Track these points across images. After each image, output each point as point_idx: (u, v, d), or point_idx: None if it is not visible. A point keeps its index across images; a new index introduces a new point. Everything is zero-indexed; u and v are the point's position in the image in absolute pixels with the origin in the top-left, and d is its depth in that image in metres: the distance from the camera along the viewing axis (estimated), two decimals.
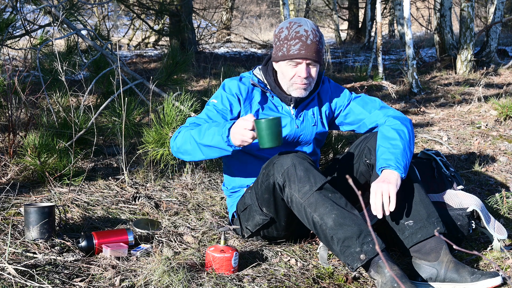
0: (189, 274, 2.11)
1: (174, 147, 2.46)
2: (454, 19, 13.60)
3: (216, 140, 2.27)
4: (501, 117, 4.87)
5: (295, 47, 2.41)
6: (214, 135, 2.27)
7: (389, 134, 2.41)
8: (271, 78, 2.56)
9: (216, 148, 2.29)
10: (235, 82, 2.55)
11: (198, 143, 2.33)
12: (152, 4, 10.30)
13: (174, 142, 2.45)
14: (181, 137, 2.41)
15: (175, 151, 2.46)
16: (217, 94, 2.56)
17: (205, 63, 8.89)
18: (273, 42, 2.53)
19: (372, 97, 2.67)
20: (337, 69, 8.69)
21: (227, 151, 2.29)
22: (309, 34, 2.41)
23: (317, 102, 2.63)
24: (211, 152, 2.34)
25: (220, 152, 2.31)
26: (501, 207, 2.95)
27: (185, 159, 2.47)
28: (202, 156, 2.37)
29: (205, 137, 2.30)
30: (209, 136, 2.29)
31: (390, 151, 2.31)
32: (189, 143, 2.36)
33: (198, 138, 2.32)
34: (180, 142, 2.41)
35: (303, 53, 2.41)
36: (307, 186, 2.18)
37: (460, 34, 7.95)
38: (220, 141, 2.26)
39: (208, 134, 2.30)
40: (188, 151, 2.39)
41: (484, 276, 2.11)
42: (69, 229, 2.59)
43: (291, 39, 2.42)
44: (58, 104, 3.64)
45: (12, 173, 3.16)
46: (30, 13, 4.68)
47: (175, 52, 4.23)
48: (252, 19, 21.31)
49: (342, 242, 2.11)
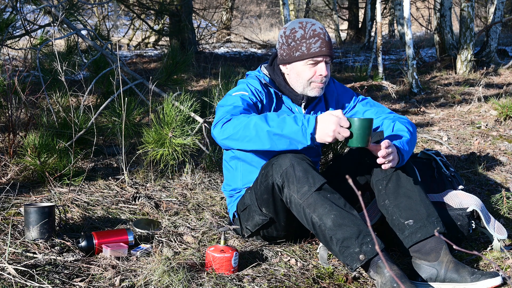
0: (189, 274, 2.11)
1: (222, 134, 2.26)
2: (454, 19, 13.60)
3: (293, 130, 2.15)
4: (501, 117, 4.87)
5: (316, 45, 2.40)
6: (292, 125, 2.15)
7: (397, 127, 2.45)
8: (280, 78, 2.54)
9: (291, 139, 2.16)
10: (256, 82, 2.50)
11: (268, 131, 2.17)
12: (152, 4, 10.30)
13: (222, 129, 2.26)
14: (235, 124, 2.23)
15: (224, 138, 2.26)
16: (242, 87, 2.46)
17: (205, 63, 8.89)
18: (283, 44, 2.47)
19: (381, 104, 2.69)
20: (337, 69, 8.69)
21: (302, 144, 2.17)
22: (324, 31, 2.43)
23: (324, 103, 2.63)
24: (280, 143, 2.18)
25: (291, 144, 2.18)
26: (501, 207, 2.95)
27: (235, 147, 2.27)
28: (266, 145, 2.19)
29: (279, 126, 2.16)
30: (283, 125, 2.16)
31: (396, 138, 2.34)
32: (252, 129, 2.19)
33: (268, 126, 2.17)
34: (235, 128, 2.22)
35: (324, 50, 2.40)
36: (306, 187, 2.18)
37: (460, 34, 7.95)
38: (298, 133, 2.14)
39: (282, 123, 2.17)
40: (248, 137, 2.20)
41: (484, 276, 2.11)
42: (69, 229, 2.59)
43: (310, 37, 2.40)
44: (58, 104, 3.64)
45: (12, 173, 3.16)
46: (30, 13, 4.68)
47: (175, 52, 4.23)
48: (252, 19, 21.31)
49: (341, 242, 2.11)
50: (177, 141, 3.19)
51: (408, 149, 2.35)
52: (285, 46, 2.47)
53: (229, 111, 2.32)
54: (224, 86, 3.47)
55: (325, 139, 2.15)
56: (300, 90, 2.50)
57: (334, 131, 2.13)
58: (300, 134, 2.15)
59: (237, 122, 2.23)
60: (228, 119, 2.27)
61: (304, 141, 2.16)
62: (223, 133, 2.26)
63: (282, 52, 2.48)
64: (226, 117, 2.28)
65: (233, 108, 2.32)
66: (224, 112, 2.32)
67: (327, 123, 2.14)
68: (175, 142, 3.20)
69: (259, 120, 2.19)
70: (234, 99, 2.39)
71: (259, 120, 2.19)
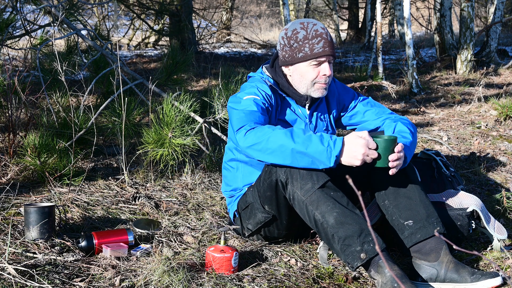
0: (189, 274, 2.11)
1: (244, 141, 2.22)
2: (454, 19, 13.60)
3: (318, 150, 2.11)
4: (501, 117, 4.87)
5: (319, 45, 2.38)
6: (318, 144, 2.11)
7: (400, 128, 2.45)
8: (283, 80, 2.51)
9: (314, 158, 2.12)
10: (265, 86, 2.46)
11: (292, 148, 2.13)
12: (152, 4, 10.30)
13: (245, 137, 2.22)
14: (259, 134, 2.19)
15: (246, 146, 2.22)
16: (252, 91, 2.41)
17: (205, 63, 8.89)
18: (284, 45, 2.45)
19: (381, 104, 2.69)
20: (337, 69, 8.69)
21: (324, 165, 2.13)
22: (326, 31, 2.42)
23: (325, 103, 2.62)
24: (302, 161, 2.15)
25: (312, 164, 2.14)
26: (501, 207, 2.95)
27: (255, 157, 2.24)
28: (287, 160, 2.16)
29: (304, 143, 2.12)
30: (309, 143, 2.12)
31: (400, 139, 2.34)
32: (275, 143, 2.15)
33: (293, 142, 2.13)
34: (258, 138, 2.18)
35: (327, 50, 2.39)
36: (309, 184, 2.18)
37: (460, 34, 7.95)
38: (323, 153, 2.11)
39: (307, 140, 2.12)
40: (270, 150, 2.16)
41: (484, 276, 2.11)
42: (69, 229, 2.59)
43: (312, 38, 2.39)
44: (58, 104, 3.64)
45: (12, 173, 3.16)
46: (30, 13, 4.68)
47: (175, 52, 4.23)
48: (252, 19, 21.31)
49: (343, 240, 2.11)
50: (177, 141, 3.19)
51: (411, 151, 2.35)
52: (287, 48, 2.45)
53: (248, 116, 2.28)
54: (224, 86, 3.47)
55: (353, 162, 2.13)
56: (303, 91, 2.49)
57: (364, 154, 2.12)
58: (325, 155, 2.11)
59: (261, 133, 2.19)
60: (252, 127, 2.24)
61: (327, 162, 2.12)
62: (245, 141, 2.22)
63: (284, 54, 2.46)
64: (249, 125, 2.25)
65: (249, 113, 2.29)
66: (243, 117, 2.28)
67: (356, 146, 2.11)
68: (175, 142, 3.20)
69: (284, 135, 2.15)
70: (248, 103, 2.34)
71: (284, 135, 2.15)
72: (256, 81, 2.50)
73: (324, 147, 2.11)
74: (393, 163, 2.19)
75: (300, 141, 2.13)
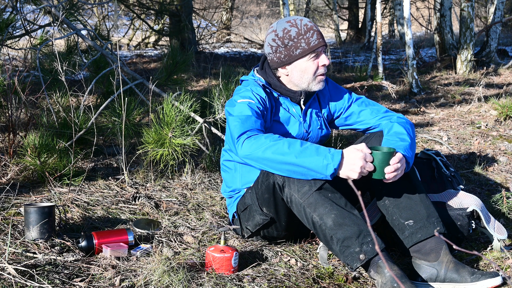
0: (189, 274, 2.11)
1: (241, 150, 2.23)
2: (454, 19, 13.60)
3: (314, 164, 2.11)
4: (501, 117, 4.87)
5: (313, 37, 2.42)
6: (315, 157, 2.11)
7: (397, 129, 2.43)
8: (274, 80, 2.51)
9: (311, 171, 2.13)
10: (260, 88, 2.47)
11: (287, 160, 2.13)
12: (152, 4, 10.30)
13: (243, 146, 2.22)
14: (256, 145, 2.19)
15: (243, 155, 2.23)
16: (247, 95, 2.41)
17: (205, 63, 8.89)
18: (278, 46, 2.44)
19: (376, 102, 2.68)
20: (337, 69, 8.69)
21: (321, 175, 2.13)
22: (313, 23, 2.46)
23: (318, 103, 2.63)
24: (298, 173, 2.16)
25: (309, 175, 2.15)
26: (501, 207, 2.95)
27: (252, 165, 2.26)
28: (283, 172, 2.18)
29: (300, 156, 2.12)
30: (306, 157, 2.12)
31: (398, 143, 2.33)
32: (272, 154, 2.15)
33: (289, 153, 2.13)
34: (255, 149, 2.19)
35: (322, 41, 2.44)
36: (306, 186, 2.18)
37: (460, 34, 7.95)
38: (320, 166, 2.11)
39: (305, 153, 2.12)
40: (266, 161, 2.18)
41: (484, 276, 2.11)
42: (69, 229, 2.59)
43: (305, 32, 2.41)
44: (58, 104, 3.64)
45: (12, 173, 3.16)
46: (30, 13, 4.68)
47: (175, 52, 4.23)
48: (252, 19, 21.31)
49: (342, 242, 2.11)
50: (177, 141, 3.20)
51: (412, 155, 2.34)
52: (281, 48, 2.44)
53: (244, 122, 2.28)
54: (224, 86, 3.47)
55: (351, 175, 2.13)
56: (305, 87, 2.49)
57: (362, 167, 2.12)
58: (323, 168, 2.11)
59: (257, 144, 2.19)
60: (248, 136, 2.23)
61: (325, 175, 2.13)
62: (242, 150, 2.22)
63: (279, 55, 2.45)
64: (247, 133, 2.25)
65: (245, 119, 2.30)
66: (239, 124, 2.28)
67: (354, 159, 2.12)
68: (175, 142, 3.20)
69: (281, 146, 2.15)
70: (242, 108, 2.35)
71: (281, 146, 2.15)
72: (251, 84, 2.50)
73: (321, 159, 2.11)
74: (389, 175, 2.19)
75: (297, 153, 2.13)
